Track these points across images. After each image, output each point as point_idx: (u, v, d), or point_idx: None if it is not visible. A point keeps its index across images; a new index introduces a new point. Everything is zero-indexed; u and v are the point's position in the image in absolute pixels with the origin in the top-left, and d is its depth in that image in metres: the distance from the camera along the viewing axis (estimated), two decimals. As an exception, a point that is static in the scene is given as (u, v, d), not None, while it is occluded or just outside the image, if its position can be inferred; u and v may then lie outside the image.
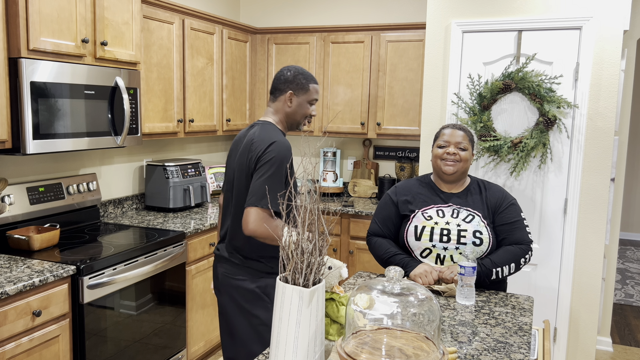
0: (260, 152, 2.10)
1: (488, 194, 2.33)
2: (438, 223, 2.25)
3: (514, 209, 2.30)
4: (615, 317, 4.69)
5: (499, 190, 2.36)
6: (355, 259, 4.02)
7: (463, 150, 2.28)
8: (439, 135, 2.34)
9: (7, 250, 2.66)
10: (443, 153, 2.29)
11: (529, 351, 1.69)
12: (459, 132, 2.30)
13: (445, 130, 2.33)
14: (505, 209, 2.29)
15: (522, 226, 2.28)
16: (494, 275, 2.20)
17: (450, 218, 2.26)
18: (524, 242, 2.26)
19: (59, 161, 3.18)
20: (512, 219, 2.28)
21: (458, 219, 2.26)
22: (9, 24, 2.43)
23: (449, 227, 2.24)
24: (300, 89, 2.25)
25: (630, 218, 7.74)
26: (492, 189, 2.35)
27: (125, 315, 2.74)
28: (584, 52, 3.19)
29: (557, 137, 3.30)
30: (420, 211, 2.31)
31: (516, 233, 2.26)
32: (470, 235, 2.22)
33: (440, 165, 2.30)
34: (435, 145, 2.34)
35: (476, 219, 2.26)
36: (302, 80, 2.25)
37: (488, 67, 3.42)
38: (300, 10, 4.69)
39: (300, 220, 1.37)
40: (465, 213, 2.27)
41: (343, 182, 4.63)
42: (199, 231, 3.30)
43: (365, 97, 4.20)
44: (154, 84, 3.38)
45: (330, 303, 1.55)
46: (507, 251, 2.24)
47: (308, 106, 2.28)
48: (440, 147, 2.31)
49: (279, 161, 2.08)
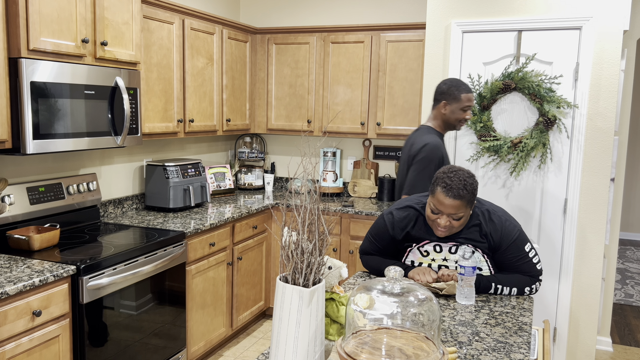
0: (415, 152, 2.73)
1: (490, 229, 2.13)
2: (435, 260, 2.20)
3: (516, 246, 2.13)
4: (615, 317, 4.69)
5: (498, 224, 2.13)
6: (355, 259, 4.02)
7: (457, 219, 2.06)
8: (434, 193, 2.06)
9: (7, 250, 2.66)
10: (435, 219, 2.09)
11: (529, 351, 1.69)
12: (455, 203, 2.01)
13: (440, 195, 2.02)
14: (506, 248, 2.13)
15: (528, 260, 2.15)
16: (493, 289, 2.16)
17: (447, 254, 2.18)
18: (531, 273, 2.17)
19: (59, 161, 3.18)
20: (515, 257, 2.14)
21: (455, 255, 2.17)
22: (9, 24, 2.43)
23: (446, 264, 2.18)
24: (452, 99, 2.77)
25: (630, 218, 7.74)
26: (494, 225, 2.13)
27: (125, 315, 2.74)
28: (584, 52, 3.19)
29: (557, 137, 3.30)
30: (417, 247, 2.22)
31: (522, 268, 2.16)
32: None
33: (431, 225, 2.14)
34: (429, 202, 2.09)
35: (476, 254, 2.15)
36: (454, 92, 2.75)
37: (488, 67, 3.43)
38: (300, 10, 4.69)
39: (300, 220, 1.37)
40: (464, 248, 2.12)
41: (343, 182, 4.63)
42: (199, 231, 3.30)
43: (365, 97, 4.20)
44: (154, 84, 3.38)
45: (330, 303, 1.56)
46: (514, 276, 2.16)
47: (461, 112, 2.78)
48: (433, 212, 2.08)
49: (428, 160, 2.67)
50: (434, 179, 2.09)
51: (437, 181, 2.06)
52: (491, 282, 2.15)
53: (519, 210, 3.42)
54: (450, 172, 2.05)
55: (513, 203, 3.42)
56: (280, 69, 4.44)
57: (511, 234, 2.12)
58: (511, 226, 2.14)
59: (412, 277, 2.14)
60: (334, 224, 4.04)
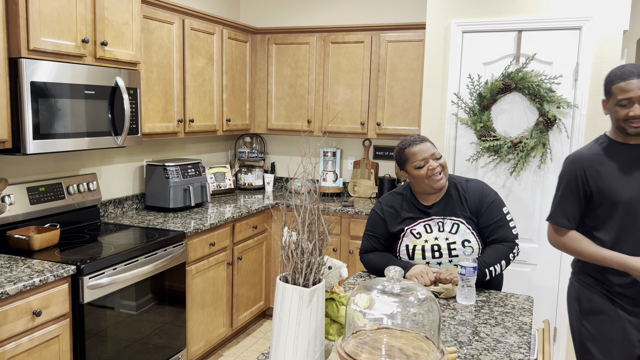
0: None
1: (468, 195, 2.27)
2: (428, 240, 2.25)
3: (495, 207, 2.26)
4: (615, 317, 4.69)
5: (477, 189, 2.29)
6: (355, 259, 4.02)
7: (440, 158, 2.22)
8: (409, 157, 2.22)
9: (7, 250, 2.66)
10: (427, 172, 2.19)
11: (528, 351, 1.69)
12: (427, 145, 2.21)
13: (412, 148, 2.22)
14: (486, 209, 2.26)
15: (505, 223, 2.27)
16: (488, 275, 2.22)
17: (437, 233, 2.25)
18: (508, 239, 2.27)
19: (59, 161, 3.18)
20: (493, 219, 2.26)
21: (445, 232, 2.24)
22: (9, 24, 2.43)
23: (438, 243, 2.24)
24: (607, 95, 2.11)
25: (630, 218, 7.72)
26: (470, 190, 2.29)
27: (125, 315, 2.74)
28: (584, 52, 3.19)
29: (556, 137, 3.30)
30: (409, 229, 2.29)
31: (500, 231, 2.26)
32: (460, 245, 2.22)
33: (429, 183, 2.21)
34: (412, 167, 2.22)
35: (461, 227, 2.24)
36: (606, 85, 2.10)
37: (488, 67, 3.43)
38: (300, 10, 4.69)
39: (300, 220, 1.37)
40: (450, 223, 2.24)
41: (343, 182, 4.64)
42: (199, 231, 3.30)
43: (365, 97, 4.20)
44: (154, 84, 3.38)
45: (330, 303, 1.56)
46: (495, 250, 2.25)
47: (617, 109, 2.05)
48: (419, 167, 2.20)
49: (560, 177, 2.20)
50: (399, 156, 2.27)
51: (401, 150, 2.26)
52: (483, 270, 2.21)
53: (519, 210, 3.42)
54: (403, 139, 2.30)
55: (513, 203, 3.42)
56: (280, 69, 4.44)
57: (490, 194, 2.29)
58: (488, 188, 2.31)
59: (411, 279, 2.16)
60: (334, 224, 4.04)
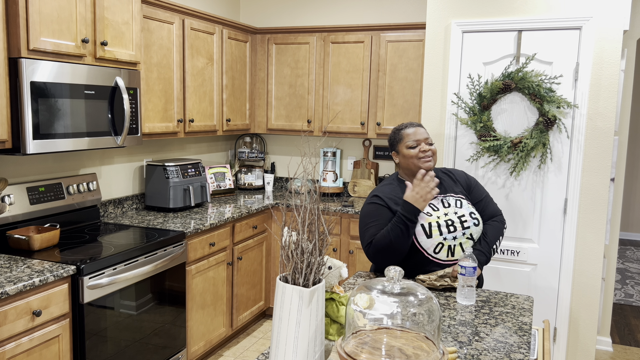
0: None
1: (456, 176, 2.44)
2: (440, 217, 2.27)
3: (479, 185, 2.47)
4: (615, 317, 4.70)
5: (459, 171, 2.49)
6: (355, 259, 4.02)
7: (431, 144, 2.34)
8: (403, 137, 2.35)
9: (7, 250, 2.66)
10: (418, 152, 2.31)
11: (529, 351, 1.69)
12: (422, 129, 2.35)
13: (407, 130, 2.35)
14: (474, 187, 2.45)
15: (490, 199, 2.46)
16: (493, 253, 2.35)
17: (445, 209, 2.29)
18: (497, 213, 2.43)
19: (59, 161, 3.18)
20: (482, 195, 2.44)
21: (451, 207, 2.29)
22: (9, 24, 2.43)
23: (450, 218, 2.27)
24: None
25: (630, 218, 7.74)
26: (454, 172, 2.47)
27: (125, 315, 2.74)
28: (584, 52, 3.19)
29: (557, 137, 3.30)
30: None
31: (490, 207, 2.42)
32: (469, 217, 2.28)
33: (417, 164, 2.31)
34: (404, 146, 2.34)
35: (464, 201, 2.33)
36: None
37: (488, 67, 3.42)
38: (300, 10, 4.69)
39: (300, 220, 1.37)
40: (453, 199, 2.32)
41: (343, 182, 4.64)
42: (199, 231, 3.30)
43: (365, 97, 4.20)
44: (154, 84, 3.38)
45: (330, 303, 1.56)
46: (492, 227, 2.38)
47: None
48: (411, 147, 2.32)
49: None
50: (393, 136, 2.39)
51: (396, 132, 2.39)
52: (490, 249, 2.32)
53: (519, 210, 3.42)
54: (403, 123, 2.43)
55: (513, 203, 3.42)
56: (280, 69, 4.44)
57: (470, 176, 2.49)
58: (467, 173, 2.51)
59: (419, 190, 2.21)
60: (334, 224, 4.04)
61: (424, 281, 2.19)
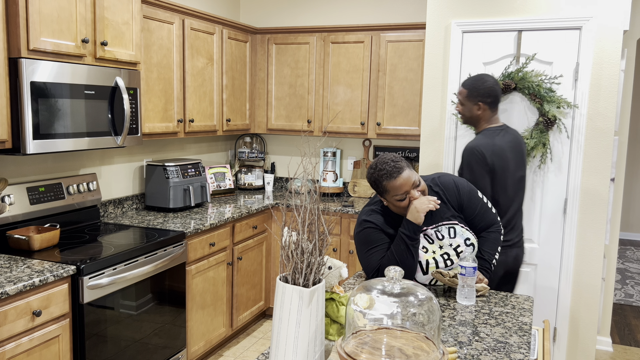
0: None
1: (447, 195, 2.25)
2: (435, 251, 2.20)
3: (473, 196, 2.28)
4: (615, 317, 4.69)
5: (449, 182, 2.28)
6: (355, 259, 4.02)
7: (419, 185, 2.15)
8: (389, 190, 2.12)
9: (7, 250, 2.66)
10: (407, 202, 2.15)
11: (528, 351, 1.69)
12: (405, 175, 2.10)
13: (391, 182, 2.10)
14: (467, 202, 2.26)
15: (486, 207, 2.30)
16: (493, 267, 2.31)
17: (439, 241, 2.21)
18: (494, 222, 2.32)
19: (59, 161, 3.18)
20: (476, 210, 2.27)
21: (446, 238, 2.20)
22: (9, 24, 2.43)
23: (446, 251, 2.20)
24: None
25: (630, 218, 7.74)
26: (444, 185, 2.27)
27: (125, 315, 2.74)
28: (584, 52, 3.19)
29: (557, 137, 3.30)
30: None
31: (485, 217, 2.30)
32: (463, 246, 2.19)
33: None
34: (392, 198, 2.14)
35: (457, 228, 2.21)
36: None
37: (488, 67, 3.43)
38: (300, 10, 4.69)
39: (300, 220, 1.37)
40: (446, 229, 2.20)
41: (343, 182, 4.64)
42: (199, 231, 3.30)
43: (365, 97, 4.20)
44: (154, 84, 3.38)
45: (330, 303, 1.56)
46: (489, 242, 2.30)
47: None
48: (401, 200, 2.13)
49: None
50: (376, 187, 2.17)
51: (378, 181, 2.14)
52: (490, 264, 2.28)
53: (519, 210, 3.42)
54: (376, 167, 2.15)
55: (513, 203, 3.42)
56: (280, 69, 4.44)
57: (462, 184, 2.28)
58: (458, 179, 2.30)
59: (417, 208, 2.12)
60: (334, 224, 4.04)
61: (444, 276, 2.15)
